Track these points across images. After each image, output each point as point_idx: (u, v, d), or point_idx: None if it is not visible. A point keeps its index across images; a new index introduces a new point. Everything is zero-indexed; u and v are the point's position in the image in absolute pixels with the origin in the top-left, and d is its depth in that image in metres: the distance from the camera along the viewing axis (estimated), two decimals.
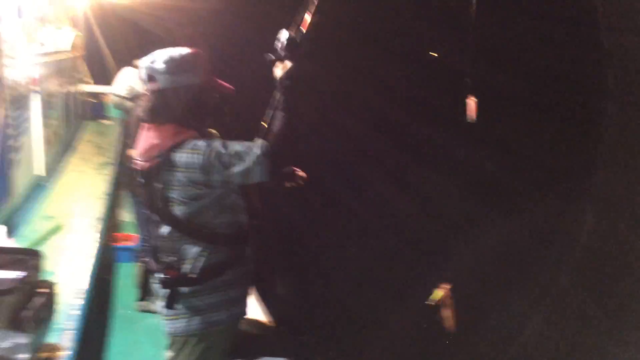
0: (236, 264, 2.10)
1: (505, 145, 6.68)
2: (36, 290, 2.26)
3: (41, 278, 2.35)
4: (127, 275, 4.32)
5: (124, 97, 9.19)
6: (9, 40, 4.24)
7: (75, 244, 3.79)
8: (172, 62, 2.03)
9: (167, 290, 2.06)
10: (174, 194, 2.00)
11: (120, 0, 9.68)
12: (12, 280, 2.12)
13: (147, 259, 2.22)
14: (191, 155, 1.95)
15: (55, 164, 5.74)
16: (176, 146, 1.99)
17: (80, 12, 9.35)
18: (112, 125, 8.88)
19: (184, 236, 2.05)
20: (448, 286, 2.49)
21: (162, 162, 2.00)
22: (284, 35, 2.17)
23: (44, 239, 3.76)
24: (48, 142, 5.49)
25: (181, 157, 1.96)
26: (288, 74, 2.12)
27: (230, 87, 2.17)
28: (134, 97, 9.28)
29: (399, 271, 5.47)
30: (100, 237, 4.01)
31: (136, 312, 3.81)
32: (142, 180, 2.12)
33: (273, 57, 2.19)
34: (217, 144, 1.98)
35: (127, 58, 9.65)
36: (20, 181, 4.20)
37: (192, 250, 2.03)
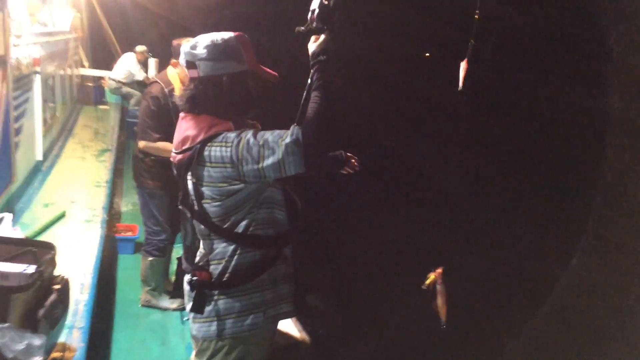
0: (273, 265, 1.92)
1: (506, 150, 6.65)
2: (51, 286, 2.12)
3: (55, 273, 2.21)
4: (129, 267, 4.17)
5: (121, 82, 9.08)
6: (15, 18, 4.07)
7: (77, 233, 3.64)
8: (214, 48, 1.84)
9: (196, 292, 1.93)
10: (206, 190, 1.86)
11: None
12: (28, 276, 1.98)
13: (182, 257, 2.07)
14: (221, 149, 1.79)
15: (53, 148, 5.56)
16: (208, 140, 1.83)
17: None
18: (109, 111, 8.70)
19: (216, 234, 1.92)
20: (440, 270, 2.30)
21: (192, 156, 1.86)
22: (315, 3, 1.88)
23: (45, 227, 3.61)
24: (47, 125, 5.31)
25: (212, 151, 1.82)
26: (322, 47, 1.85)
27: (275, 73, 1.97)
28: (132, 83, 9.16)
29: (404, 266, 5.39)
30: (102, 227, 3.86)
31: (140, 307, 3.66)
32: (176, 173, 1.98)
33: (305, 30, 1.90)
34: (248, 135, 1.78)
35: (130, 42, 9.49)
36: (21, 165, 4.03)
37: (225, 249, 1.90)
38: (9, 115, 3.67)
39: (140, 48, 9.05)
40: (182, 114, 1.96)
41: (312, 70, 1.87)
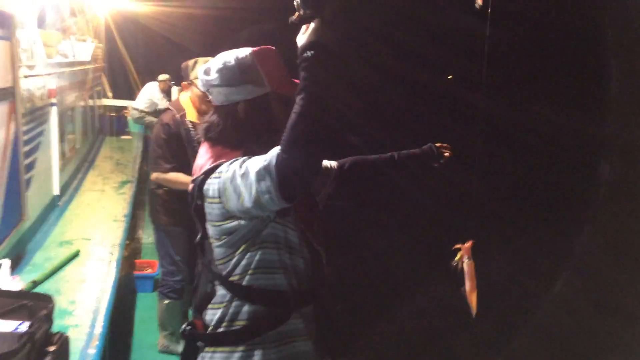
0: (280, 325, 1.59)
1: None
2: (45, 347, 1.84)
3: (51, 331, 1.94)
4: (148, 307, 3.91)
5: (144, 112, 8.98)
6: (27, 48, 3.91)
7: (89, 275, 3.40)
8: (226, 72, 1.59)
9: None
10: (209, 228, 1.60)
11: (145, 11, 9.43)
12: (17, 337, 1.71)
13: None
14: (214, 182, 1.54)
15: (72, 182, 5.39)
16: (210, 171, 1.57)
17: (103, 24, 9.12)
18: (132, 141, 8.59)
19: (214, 278, 1.64)
20: (468, 245, 1.88)
21: (194, 189, 1.61)
22: None
23: (56, 269, 3.37)
24: (65, 158, 5.15)
25: (209, 184, 1.55)
26: (309, 40, 1.42)
27: None
28: (155, 112, 9.06)
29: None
30: (118, 266, 3.62)
31: (158, 353, 3.39)
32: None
33: (297, 20, 1.50)
34: (236, 164, 1.50)
35: (151, 71, 9.45)
36: (34, 202, 3.83)
37: (225, 294, 1.60)
38: (18, 151, 3.47)
39: (163, 77, 8.97)
40: (203, 139, 1.71)
41: (299, 71, 1.47)
